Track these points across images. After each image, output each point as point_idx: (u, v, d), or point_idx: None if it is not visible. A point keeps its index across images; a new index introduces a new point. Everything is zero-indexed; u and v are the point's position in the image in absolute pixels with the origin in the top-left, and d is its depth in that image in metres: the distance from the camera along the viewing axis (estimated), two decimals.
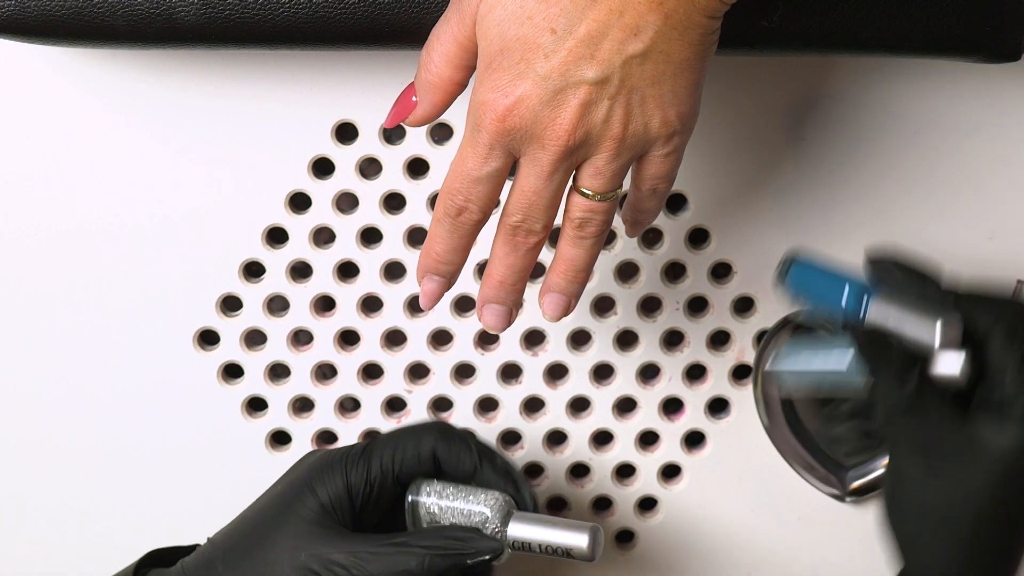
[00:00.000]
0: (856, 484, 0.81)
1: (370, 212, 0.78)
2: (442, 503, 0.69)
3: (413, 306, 0.80)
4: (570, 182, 0.64)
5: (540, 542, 0.69)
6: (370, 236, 0.79)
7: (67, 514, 0.82)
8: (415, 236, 0.79)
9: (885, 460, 0.81)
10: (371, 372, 0.81)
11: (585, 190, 0.64)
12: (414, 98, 0.65)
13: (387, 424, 0.82)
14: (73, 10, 0.68)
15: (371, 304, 0.80)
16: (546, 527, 0.69)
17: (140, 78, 0.75)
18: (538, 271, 0.73)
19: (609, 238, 0.79)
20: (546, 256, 0.69)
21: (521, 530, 0.69)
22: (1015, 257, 0.80)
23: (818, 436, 0.79)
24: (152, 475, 0.81)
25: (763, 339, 0.80)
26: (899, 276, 0.68)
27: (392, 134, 0.77)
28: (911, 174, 0.79)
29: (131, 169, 0.77)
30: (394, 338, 0.81)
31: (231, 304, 0.80)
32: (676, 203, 0.79)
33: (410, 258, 0.79)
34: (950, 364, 0.64)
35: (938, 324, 0.64)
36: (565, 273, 0.67)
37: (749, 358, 0.81)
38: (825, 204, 0.79)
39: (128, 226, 0.77)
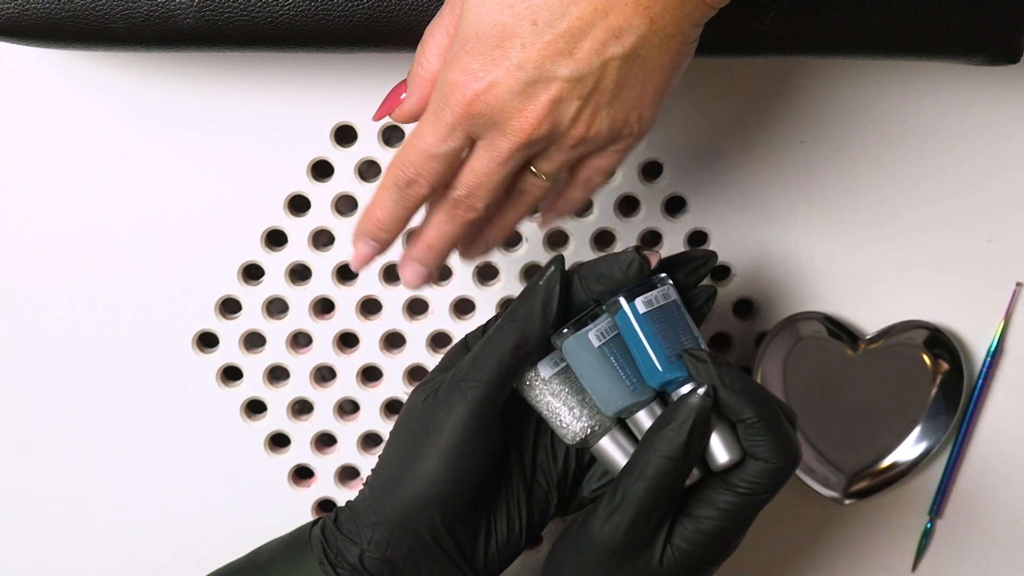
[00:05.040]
0: (855, 486, 0.81)
1: None
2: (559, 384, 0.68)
3: (412, 308, 0.80)
4: None
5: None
6: None
7: (67, 516, 0.82)
8: None
9: (888, 461, 0.81)
10: (370, 374, 0.82)
11: (533, 169, 0.64)
12: (403, 95, 0.65)
13: (387, 426, 0.82)
14: (73, 13, 0.68)
15: (370, 306, 0.80)
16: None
17: (139, 81, 0.75)
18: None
19: (609, 240, 0.79)
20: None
21: (607, 447, 0.68)
22: (1014, 259, 0.80)
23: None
24: (152, 477, 0.81)
25: (762, 341, 0.80)
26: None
27: (391, 136, 0.77)
28: (910, 176, 0.79)
29: (131, 172, 0.77)
30: (393, 340, 0.81)
31: (230, 306, 0.80)
32: (675, 205, 0.79)
33: None
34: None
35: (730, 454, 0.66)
36: (499, 228, 0.68)
37: (749, 360, 0.81)
38: (824, 206, 0.79)
39: (127, 228, 0.78)
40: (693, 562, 0.66)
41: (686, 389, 0.66)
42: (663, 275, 0.67)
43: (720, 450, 0.65)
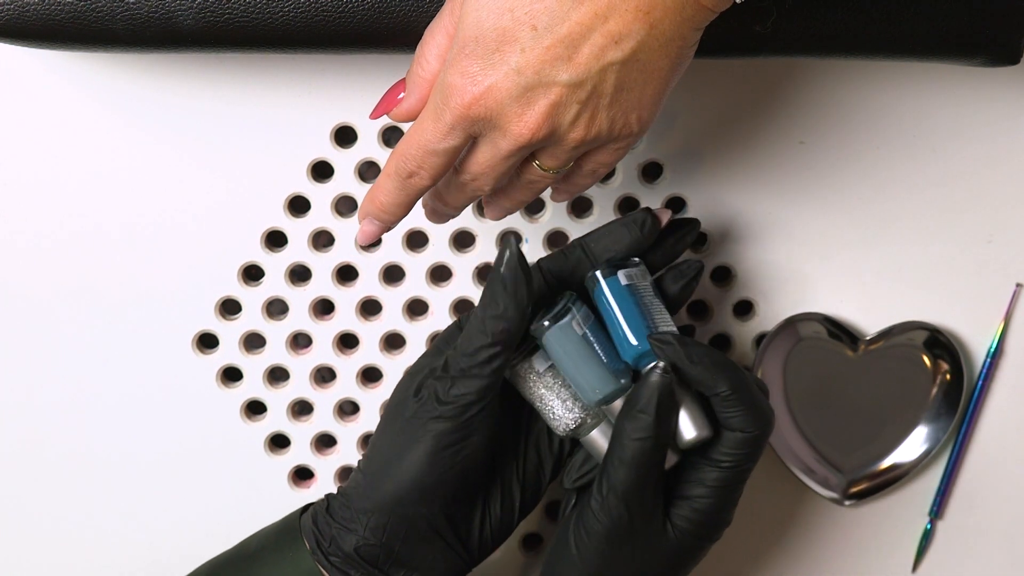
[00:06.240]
0: (855, 487, 0.81)
1: None
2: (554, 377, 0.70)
3: (412, 309, 0.80)
4: None
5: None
6: None
7: (66, 517, 0.82)
8: (414, 239, 0.79)
9: (888, 462, 0.81)
10: (370, 375, 0.81)
11: (538, 164, 0.65)
12: (401, 95, 0.65)
13: None
14: (73, 14, 0.68)
15: (370, 307, 0.80)
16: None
17: (139, 82, 0.75)
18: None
19: None
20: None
21: (598, 439, 0.70)
22: (1014, 260, 0.80)
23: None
24: (152, 478, 0.81)
25: (763, 342, 0.80)
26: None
27: (391, 137, 0.77)
28: (910, 177, 0.79)
29: (130, 173, 0.77)
30: (393, 341, 0.81)
31: (230, 307, 0.80)
32: (675, 207, 0.79)
33: (409, 261, 0.79)
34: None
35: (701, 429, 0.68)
36: (511, 202, 0.69)
37: (749, 361, 0.81)
38: (824, 207, 0.79)
39: (127, 230, 0.78)
40: (694, 540, 0.68)
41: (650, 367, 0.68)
42: (635, 259, 0.69)
43: (687, 427, 0.67)
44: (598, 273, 0.69)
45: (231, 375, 0.81)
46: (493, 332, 0.66)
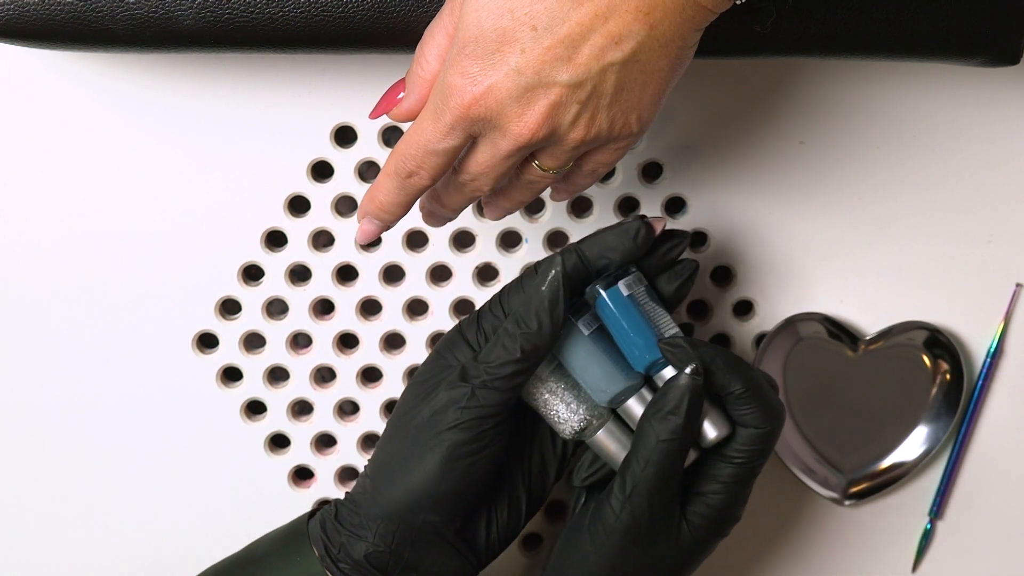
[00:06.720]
0: (855, 487, 0.81)
1: None
2: (561, 384, 0.70)
3: (412, 309, 0.80)
4: None
5: (612, 455, 0.70)
6: None
7: (66, 517, 0.82)
8: (414, 239, 0.79)
9: (888, 462, 0.81)
10: (370, 375, 0.81)
11: (537, 164, 0.65)
12: (400, 95, 0.65)
13: None
14: (73, 14, 0.68)
15: (370, 307, 0.80)
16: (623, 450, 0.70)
17: (140, 82, 0.75)
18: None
19: None
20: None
21: (604, 439, 0.70)
22: (1014, 260, 0.80)
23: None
24: (152, 478, 0.81)
25: (763, 341, 0.80)
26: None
27: (391, 137, 0.77)
28: (910, 177, 0.79)
29: (130, 172, 0.77)
30: (393, 341, 0.81)
31: (230, 307, 0.80)
32: (675, 206, 0.79)
33: (409, 261, 0.79)
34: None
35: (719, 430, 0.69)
36: (511, 203, 0.69)
37: (749, 361, 0.81)
38: (824, 207, 0.79)
39: (126, 229, 0.78)
40: (707, 535, 0.69)
41: (670, 371, 0.68)
42: (628, 265, 0.70)
43: (708, 427, 0.68)
44: (599, 287, 0.69)
45: (231, 375, 0.81)
46: (524, 349, 0.67)
